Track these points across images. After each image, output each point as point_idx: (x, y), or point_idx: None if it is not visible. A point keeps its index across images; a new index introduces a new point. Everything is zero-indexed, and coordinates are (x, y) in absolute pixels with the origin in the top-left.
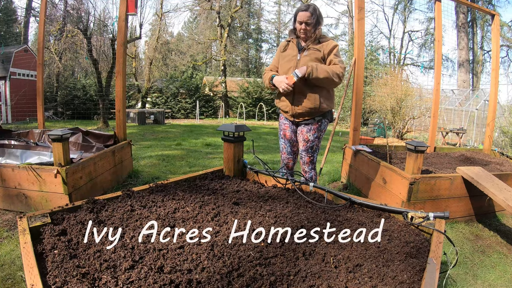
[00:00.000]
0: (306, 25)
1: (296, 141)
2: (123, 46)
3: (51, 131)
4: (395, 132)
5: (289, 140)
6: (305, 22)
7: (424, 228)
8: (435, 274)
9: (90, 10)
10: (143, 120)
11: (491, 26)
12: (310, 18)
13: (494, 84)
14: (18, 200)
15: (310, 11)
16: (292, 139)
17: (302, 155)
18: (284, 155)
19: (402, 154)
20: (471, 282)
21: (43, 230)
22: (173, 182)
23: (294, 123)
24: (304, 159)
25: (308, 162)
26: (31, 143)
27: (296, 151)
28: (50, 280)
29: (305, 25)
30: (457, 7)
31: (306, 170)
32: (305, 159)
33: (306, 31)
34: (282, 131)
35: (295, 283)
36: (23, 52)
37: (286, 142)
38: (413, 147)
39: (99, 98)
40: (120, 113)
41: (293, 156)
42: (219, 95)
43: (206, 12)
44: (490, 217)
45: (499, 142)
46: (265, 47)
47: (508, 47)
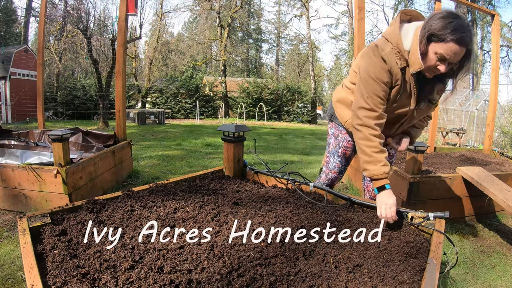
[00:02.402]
0: (447, 66)
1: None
2: (123, 46)
3: (51, 131)
4: None
5: (348, 160)
6: (450, 62)
7: (424, 228)
8: (435, 274)
9: (90, 10)
10: (143, 120)
11: (491, 27)
12: (460, 58)
13: (494, 84)
14: (18, 200)
15: (469, 47)
16: (351, 158)
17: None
18: (333, 174)
19: (402, 154)
20: (471, 282)
21: (43, 230)
22: (173, 182)
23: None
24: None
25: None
26: (31, 143)
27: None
28: (50, 280)
29: (447, 65)
30: (457, 7)
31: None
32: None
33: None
34: (343, 149)
35: (295, 283)
36: (23, 52)
37: (343, 161)
38: (413, 147)
39: (99, 98)
40: (120, 113)
41: (342, 175)
42: (219, 95)
43: (206, 12)
44: (490, 217)
45: (499, 142)
46: (265, 47)
47: (508, 47)
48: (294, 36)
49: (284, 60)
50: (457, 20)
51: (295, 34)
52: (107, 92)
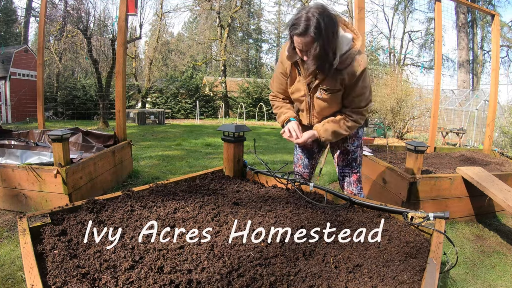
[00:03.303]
0: (306, 54)
1: (316, 152)
2: (123, 46)
3: (51, 131)
4: (395, 132)
5: (309, 151)
6: (304, 51)
7: (424, 228)
8: (435, 274)
9: (90, 10)
10: (143, 120)
11: (491, 26)
12: (312, 45)
13: (494, 84)
14: (18, 200)
15: (311, 33)
16: (313, 149)
17: (345, 173)
18: (299, 168)
19: (402, 154)
20: (471, 282)
21: (43, 230)
22: (173, 182)
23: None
24: (349, 178)
25: (355, 181)
26: (31, 143)
27: (314, 165)
28: (50, 280)
29: (305, 54)
30: (457, 7)
31: (355, 193)
32: (350, 179)
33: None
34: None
35: (295, 283)
36: (23, 52)
37: (304, 153)
38: (413, 147)
39: (99, 98)
40: (120, 113)
41: (310, 171)
42: (219, 95)
43: (206, 12)
44: (490, 217)
45: (499, 142)
46: (265, 47)
47: (508, 47)
48: None
49: None
50: (298, 13)
51: None
52: (107, 92)
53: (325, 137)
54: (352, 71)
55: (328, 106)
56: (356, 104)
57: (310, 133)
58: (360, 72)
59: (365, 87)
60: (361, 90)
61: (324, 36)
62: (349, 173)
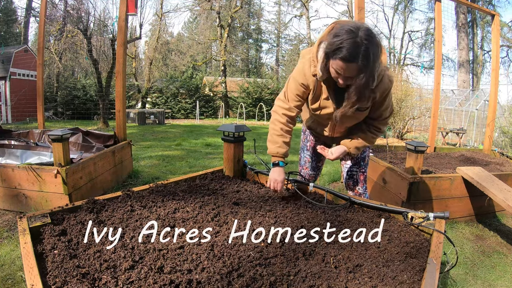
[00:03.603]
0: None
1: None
2: (123, 46)
3: (51, 131)
4: (395, 132)
5: (318, 154)
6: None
7: (424, 228)
8: (435, 274)
9: (90, 10)
10: (143, 120)
11: (491, 26)
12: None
13: (494, 84)
14: (18, 200)
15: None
16: (321, 155)
17: (353, 172)
18: (305, 170)
19: (402, 154)
20: (471, 282)
21: (43, 230)
22: (173, 182)
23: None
24: (355, 177)
25: (362, 180)
26: (31, 143)
27: (320, 166)
28: (50, 280)
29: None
30: (457, 7)
31: (360, 193)
32: (357, 177)
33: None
34: (310, 142)
35: (295, 283)
36: (23, 52)
37: (313, 156)
38: (413, 147)
39: (99, 98)
40: (120, 113)
41: (317, 173)
42: (219, 95)
43: (206, 12)
44: (490, 217)
45: (499, 142)
46: (265, 47)
47: (508, 47)
48: (294, 36)
49: (284, 60)
50: (345, 36)
51: (295, 34)
52: (107, 92)
53: (355, 152)
54: (383, 88)
55: (355, 120)
56: (384, 116)
57: (341, 150)
58: (391, 88)
59: (390, 99)
60: (388, 102)
61: (371, 66)
62: (356, 172)
